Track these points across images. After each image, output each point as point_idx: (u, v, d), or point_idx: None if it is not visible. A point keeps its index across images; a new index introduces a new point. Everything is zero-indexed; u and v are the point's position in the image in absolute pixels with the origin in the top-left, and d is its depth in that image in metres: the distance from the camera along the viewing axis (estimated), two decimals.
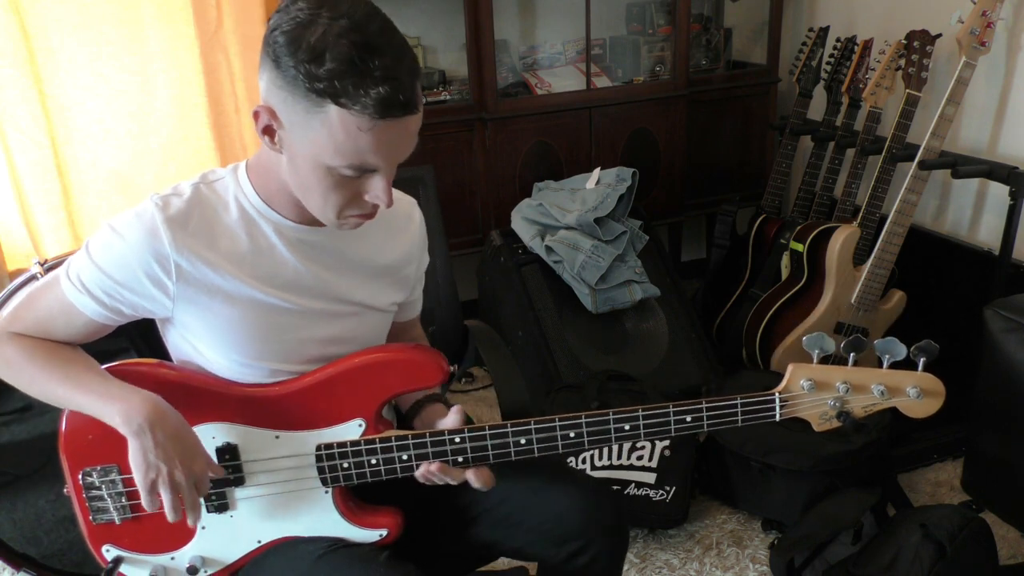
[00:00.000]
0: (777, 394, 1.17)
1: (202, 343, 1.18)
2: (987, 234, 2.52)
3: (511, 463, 1.24)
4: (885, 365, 1.16)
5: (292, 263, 1.18)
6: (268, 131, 1.07)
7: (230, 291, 1.15)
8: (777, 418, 1.18)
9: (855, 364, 1.17)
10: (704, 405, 1.18)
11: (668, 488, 2.13)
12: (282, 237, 1.17)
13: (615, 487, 2.12)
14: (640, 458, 2.15)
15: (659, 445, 2.15)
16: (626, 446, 2.15)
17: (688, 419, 1.18)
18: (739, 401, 1.17)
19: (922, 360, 1.14)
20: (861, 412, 1.17)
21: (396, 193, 1.32)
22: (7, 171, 2.20)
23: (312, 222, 1.18)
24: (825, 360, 1.16)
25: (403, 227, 1.31)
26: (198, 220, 1.13)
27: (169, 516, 1.11)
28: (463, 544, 1.33)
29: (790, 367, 1.17)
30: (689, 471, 2.16)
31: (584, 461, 2.16)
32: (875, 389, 1.16)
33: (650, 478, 2.13)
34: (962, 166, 2.33)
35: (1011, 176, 2.24)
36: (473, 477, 1.19)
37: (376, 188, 1.08)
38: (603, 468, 2.15)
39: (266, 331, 1.18)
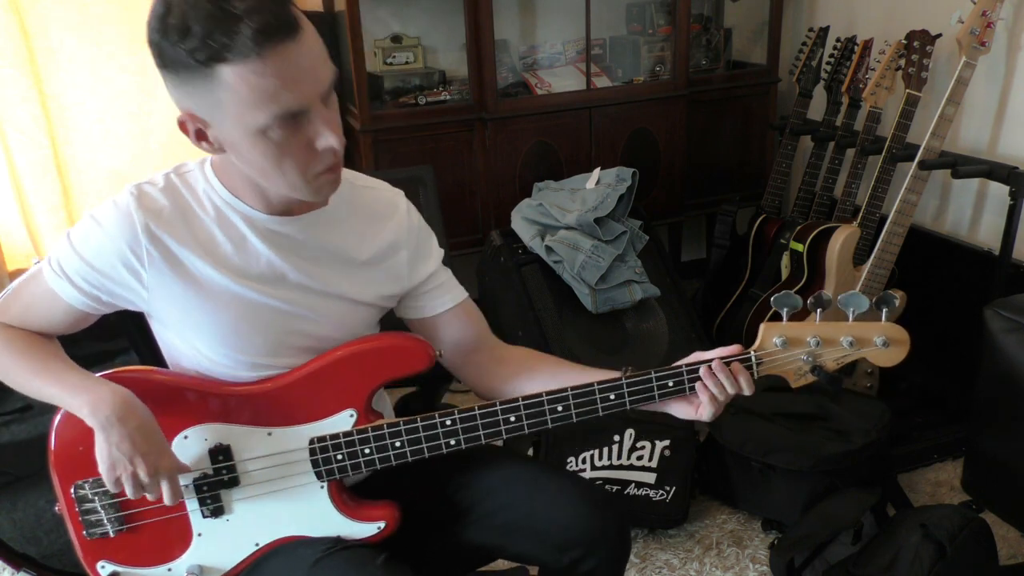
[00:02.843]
0: (753, 352, 1.20)
1: (179, 337, 1.18)
2: (987, 234, 2.52)
3: (513, 467, 1.24)
4: (851, 318, 1.18)
5: (265, 255, 1.17)
6: (200, 136, 1.06)
7: (204, 280, 1.14)
8: (755, 375, 1.20)
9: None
10: (684, 369, 1.19)
11: (668, 488, 2.13)
12: (253, 228, 1.16)
13: (615, 487, 2.12)
14: (640, 458, 2.15)
15: (659, 445, 2.15)
16: (626, 446, 2.15)
17: (671, 384, 1.19)
18: (716, 360, 1.18)
19: (884, 311, 1.17)
20: (833, 364, 1.21)
21: (380, 183, 1.29)
22: (7, 171, 2.21)
23: (282, 212, 1.16)
24: (794, 319, 1.18)
25: (387, 215, 1.27)
26: (172, 209, 1.14)
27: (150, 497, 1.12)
28: (464, 548, 1.33)
29: (762, 326, 1.20)
30: (689, 471, 2.16)
31: (584, 461, 2.16)
32: (844, 341, 1.19)
33: (650, 478, 2.13)
34: (962, 166, 2.32)
35: (1011, 176, 2.23)
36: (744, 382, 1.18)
37: (319, 129, 1.03)
38: (603, 468, 2.15)
39: (244, 323, 1.17)
